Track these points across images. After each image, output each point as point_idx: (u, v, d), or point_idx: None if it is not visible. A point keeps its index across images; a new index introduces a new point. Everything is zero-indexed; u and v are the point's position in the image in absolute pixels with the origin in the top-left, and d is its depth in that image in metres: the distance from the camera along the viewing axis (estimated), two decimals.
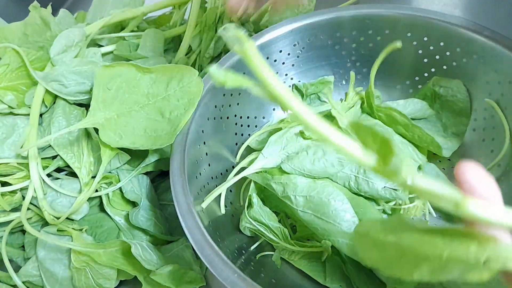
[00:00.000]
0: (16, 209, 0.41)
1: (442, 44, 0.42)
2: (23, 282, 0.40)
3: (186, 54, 0.51)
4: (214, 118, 0.42)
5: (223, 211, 0.40)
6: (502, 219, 0.17)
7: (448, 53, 0.43)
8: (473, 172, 0.19)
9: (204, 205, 0.37)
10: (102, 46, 0.49)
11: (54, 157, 0.42)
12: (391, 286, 0.36)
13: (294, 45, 0.45)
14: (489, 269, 0.16)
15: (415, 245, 0.17)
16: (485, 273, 0.16)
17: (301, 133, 0.41)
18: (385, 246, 0.18)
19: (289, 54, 0.46)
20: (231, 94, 0.43)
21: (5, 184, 0.40)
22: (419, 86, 0.47)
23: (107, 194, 0.42)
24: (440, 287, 0.35)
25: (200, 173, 0.39)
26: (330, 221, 0.36)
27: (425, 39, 0.43)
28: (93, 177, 0.41)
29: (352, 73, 0.46)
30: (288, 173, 0.40)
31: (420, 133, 0.41)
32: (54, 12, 0.47)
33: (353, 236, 0.36)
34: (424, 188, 0.17)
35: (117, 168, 0.42)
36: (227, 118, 0.44)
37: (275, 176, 0.40)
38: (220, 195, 0.40)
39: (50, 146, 0.41)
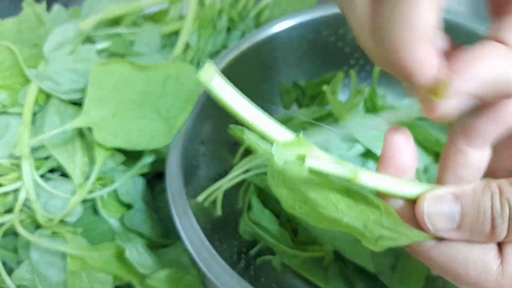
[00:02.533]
0: (9, 210, 0.40)
1: None
2: (17, 286, 0.39)
3: (183, 51, 0.50)
4: (213, 118, 0.41)
5: (219, 212, 0.39)
6: (390, 188, 0.18)
7: None
8: (398, 138, 0.18)
9: (201, 207, 0.36)
10: (97, 42, 0.48)
11: (47, 158, 0.41)
12: None
13: (296, 41, 0.44)
14: (381, 245, 0.17)
15: (321, 202, 0.18)
16: (378, 247, 0.17)
17: None
18: (296, 189, 0.18)
19: (290, 51, 0.45)
20: None
21: None
22: None
23: (102, 196, 0.41)
24: None
25: (198, 174, 0.38)
26: None
27: None
28: (87, 178, 0.40)
29: (353, 73, 0.45)
30: None
31: (425, 133, 0.40)
32: (49, 8, 0.46)
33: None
34: (321, 166, 0.17)
35: (112, 169, 0.41)
36: (226, 117, 0.43)
37: None
38: (218, 197, 0.39)
39: (43, 146, 0.40)
